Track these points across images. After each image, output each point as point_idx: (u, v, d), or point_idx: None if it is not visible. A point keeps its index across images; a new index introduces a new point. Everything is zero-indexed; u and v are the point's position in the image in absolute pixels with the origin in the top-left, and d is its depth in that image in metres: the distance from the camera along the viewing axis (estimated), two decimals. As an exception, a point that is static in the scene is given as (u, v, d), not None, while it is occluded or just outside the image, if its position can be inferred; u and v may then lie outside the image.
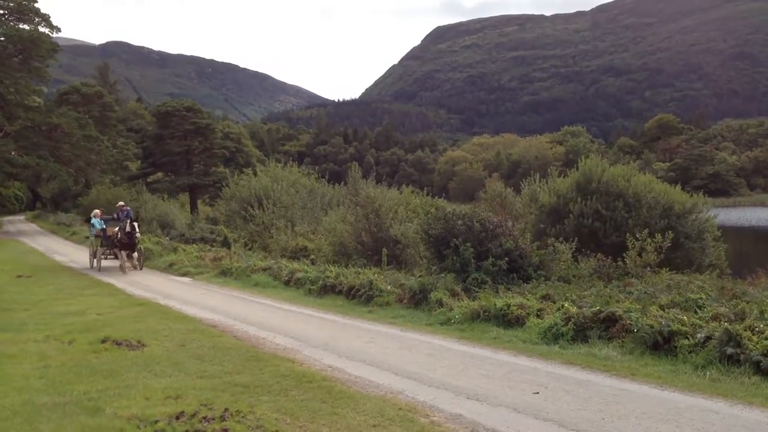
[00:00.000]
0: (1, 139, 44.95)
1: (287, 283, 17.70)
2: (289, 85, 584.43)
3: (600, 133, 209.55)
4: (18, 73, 47.79)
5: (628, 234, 17.90)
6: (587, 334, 9.70)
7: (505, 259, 14.90)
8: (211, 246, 27.49)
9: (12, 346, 9.67)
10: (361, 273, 16.41)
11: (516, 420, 6.44)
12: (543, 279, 14.85)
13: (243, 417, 6.26)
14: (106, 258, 23.41)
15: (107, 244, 23.34)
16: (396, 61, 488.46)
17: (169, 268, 22.63)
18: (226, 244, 27.79)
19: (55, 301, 14.76)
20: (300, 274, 17.57)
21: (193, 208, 64.88)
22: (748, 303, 10.11)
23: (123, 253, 22.23)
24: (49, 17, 49.14)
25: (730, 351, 7.88)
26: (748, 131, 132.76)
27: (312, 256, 22.65)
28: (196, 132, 68.87)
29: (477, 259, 14.93)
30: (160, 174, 72.31)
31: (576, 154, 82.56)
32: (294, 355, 9.35)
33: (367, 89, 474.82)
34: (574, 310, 10.35)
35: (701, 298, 10.53)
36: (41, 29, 48.84)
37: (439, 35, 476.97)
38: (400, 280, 15.10)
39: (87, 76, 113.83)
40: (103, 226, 23.72)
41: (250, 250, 25.82)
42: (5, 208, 70.79)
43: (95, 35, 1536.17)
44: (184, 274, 21.48)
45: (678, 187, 23.99)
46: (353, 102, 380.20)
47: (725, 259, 22.37)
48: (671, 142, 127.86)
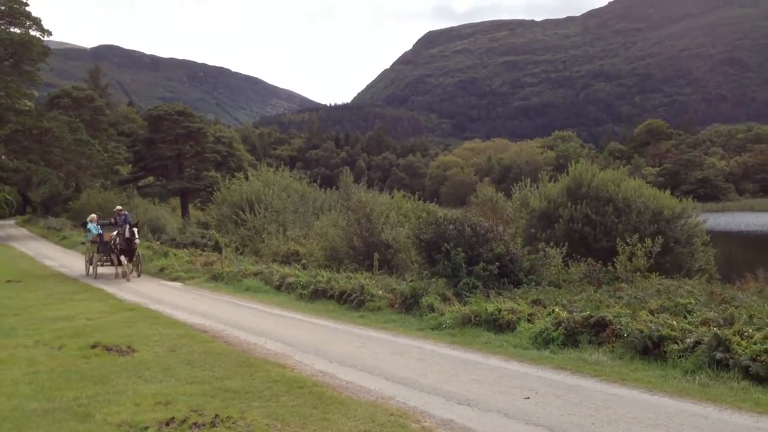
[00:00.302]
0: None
1: (278, 287, 17.66)
2: (281, 89, 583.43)
3: (590, 138, 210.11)
4: (9, 76, 47.51)
5: (618, 239, 18.02)
6: (578, 338, 9.73)
7: (496, 263, 14.94)
8: (202, 250, 27.37)
9: (1, 352, 9.64)
10: (352, 278, 16.38)
11: (507, 425, 6.46)
12: (534, 284, 14.92)
13: (233, 423, 6.25)
14: (102, 265, 22.19)
15: (104, 250, 22.04)
16: (388, 66, 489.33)
17: (160, 273, 22.50)
18: (217, 248, 27.67)
19: (44, 306, 14.67)
20: (291, 279, 17.53)
21: (184, 212, 64.64)
22: (737, 308, 10.17)
23: (122, 260, 20.95)
24: (40, 20, 48.98)
25: (719, 356, 7.92)
26: (737, 136, 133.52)
27: (303, 261, 22.62)
28: (187, 136, 68.65)
29: (468, 263, 14.97)
30: (151, 178, 72.02)
31: (566, 159, 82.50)
32: (285, 361, 9.33)
33: (358, 94, 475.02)
34: (564, 314, 10.39)
35: (690, 303, 10.58)
36: (32, 33, 48.69)
37: (430, 40, 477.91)
38: (392, 284, 15.09)
39: (78, 79, 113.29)
40: (100, 231, 22.48)
41: (241, 254, 25.75)
42: (-5, 212, 70.38)
43: (87, 39, 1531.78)
44: (175, 279, 21.38)
45: (667, 191, 24.14)
46: (345, 106, 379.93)
47: (714, 264, 22.48)
48: (661, 147, 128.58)
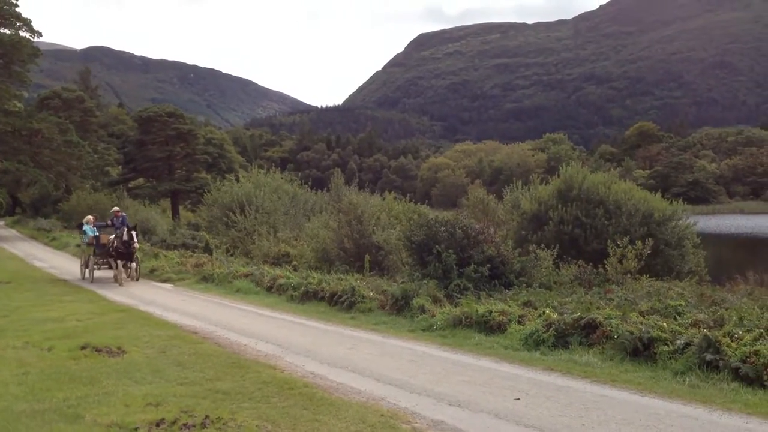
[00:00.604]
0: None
1: (269, 289, 17.65)
2: (272, 90, 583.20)
3: (581, 140, 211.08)
4: (-2, 77, 47.30)
5: (609, 241, 18.06)
6: (568, 340, 9.77)
7: (487, 265, 14.99)
8: (193, 252, 27.24)
9: (-10, 353, 9.56)
10: (343, 279, 16.41)
11: (497, 426, 6.47)
12: (524, 285, 14.97)
13: (224, 424, 6.23)
14: (99, 268, 21.46)
15: (101, 253, 21.29)
16: (379, 68, 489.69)
17: (150, 274, 22.40)
18: (207, 250, 27.61)
19: (34, 308, 14.56)
20: (282, 281, 17.52)
21: (175, 213, 64.35)
22: (727, 310, 10.22)
23: (119, 264, 20.13)
24: (30, 21, 48.64)
25: (709, 357, 7.97)
26: (727, 139, 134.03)
27: (294, 263, 22.60)
28: (178, 137, 68.37)
29: (459, 265, 15.01)
30: (141, 179, 71.65)
31: (557, 162, 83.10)
32: (276, 362, 9.32)
33: (350, 96, 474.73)
34: (555, 316, 10.43)
35: (681, 305, 10.64)
36: (22, 33, 48.31)
37: (422, 42, 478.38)
38: (383, 286, 15.11)
39: (68, 80, 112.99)
40: (96, 234, 21.76)
41: (231, 256, 25.71)
42: (-16, 213, 69.89)
43: (77, 40, 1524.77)
44: (166, 280, 21.32)
45: (658, 194, 24.29)
46: (336, 108, 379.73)
47: (704, 266, 22.60)
48: (651, 150, 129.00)
